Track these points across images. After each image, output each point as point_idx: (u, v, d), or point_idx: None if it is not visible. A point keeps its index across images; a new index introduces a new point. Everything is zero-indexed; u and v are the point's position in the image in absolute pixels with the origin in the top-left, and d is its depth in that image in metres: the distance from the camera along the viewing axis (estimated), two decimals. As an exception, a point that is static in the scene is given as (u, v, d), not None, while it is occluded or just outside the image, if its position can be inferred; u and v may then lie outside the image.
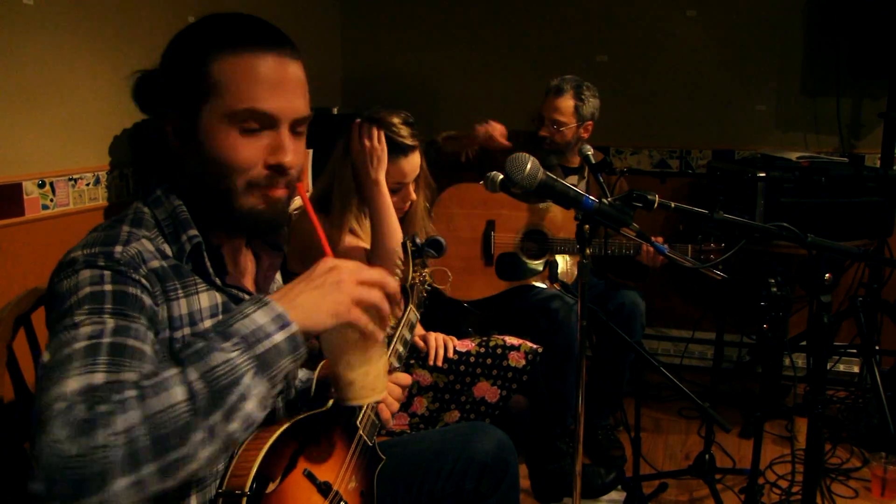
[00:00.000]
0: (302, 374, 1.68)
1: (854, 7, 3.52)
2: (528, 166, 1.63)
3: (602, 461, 3.12)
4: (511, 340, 2.40)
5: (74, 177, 2.74)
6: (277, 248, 1.45)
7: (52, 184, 2.65)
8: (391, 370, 1.68)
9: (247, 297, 1.32)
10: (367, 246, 2.31)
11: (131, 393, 0.98)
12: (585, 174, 3.33)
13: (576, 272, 3.02)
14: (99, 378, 1.01)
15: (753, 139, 4.02)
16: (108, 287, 1.12)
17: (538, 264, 3.10)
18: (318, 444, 1.39)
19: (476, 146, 3.20)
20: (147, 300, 1.16)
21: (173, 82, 1.25)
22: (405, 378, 1.69)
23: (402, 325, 1.82)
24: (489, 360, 2.35)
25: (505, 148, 3.08)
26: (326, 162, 2.40)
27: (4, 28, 2.43)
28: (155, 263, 1.20)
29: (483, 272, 3.10)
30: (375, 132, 2.26)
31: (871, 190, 3.28)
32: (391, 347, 1.73)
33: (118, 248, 1.16)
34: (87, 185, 2.79)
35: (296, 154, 1.27)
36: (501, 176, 1.74)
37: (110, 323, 1.09)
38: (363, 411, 1.55)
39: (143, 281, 1.16)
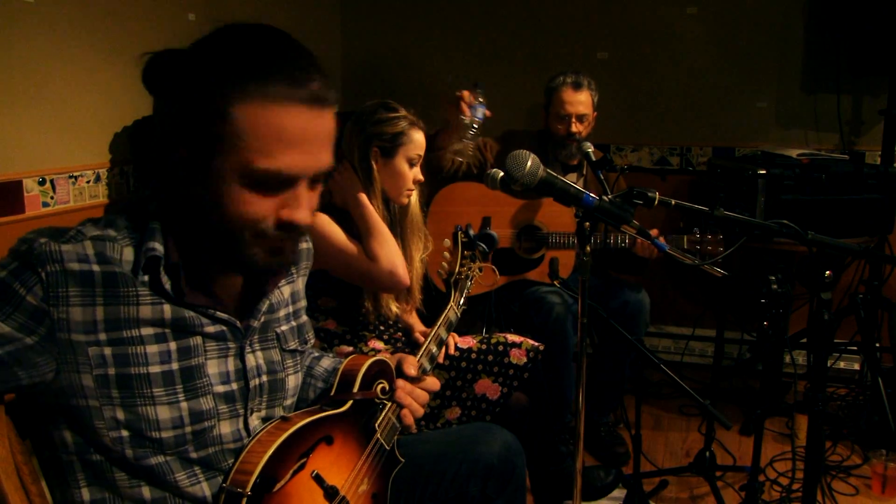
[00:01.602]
0: (328, 363, 1.67)
1: (854, 4, 3.52)
2: (529, 163, 1.63)
3: (607, 458, 3.12)
4: (512, 338, 2.40)
5: (75, 174, 2.74)
6: (273, 273, 1.36)
7: (52, 181, 2.65)
8: (422, 372, 1.68)
9: (219, 314, 1.28)
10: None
11: None
12: (584, 171, 3.32)
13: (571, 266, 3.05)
14: None
15: (754, 136, 4.02)
16: (2, 273, 1.14)
17: (534, 259, 3.10)
18: (330, 445, 1.39)
19: (461, 129, 3.14)
20: (31, 299, 1.13)
21: (188, 111, 1.14)
22: (434, 384, 1.65)
23: (439, 324, 1.81)
24: (490, 357, 2.34)
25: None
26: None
27: (5, 26, 2.43)
28: (75, 266, 1.15)
29: (488, 273, 3.09)
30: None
31: (871, 187, 3.28)
32: (424, 348, 1.72)
33: (42, 241, 1.15)
34: (88, 182, 2.79)
35: (310, 209, 1.19)
36: (502, 173, 1.74)
37: None
38: (383, 414, 1.54)
39: (41, 276, 1.14)
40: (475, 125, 2.81)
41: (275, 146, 1.11)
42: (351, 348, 2.29)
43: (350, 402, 1.46)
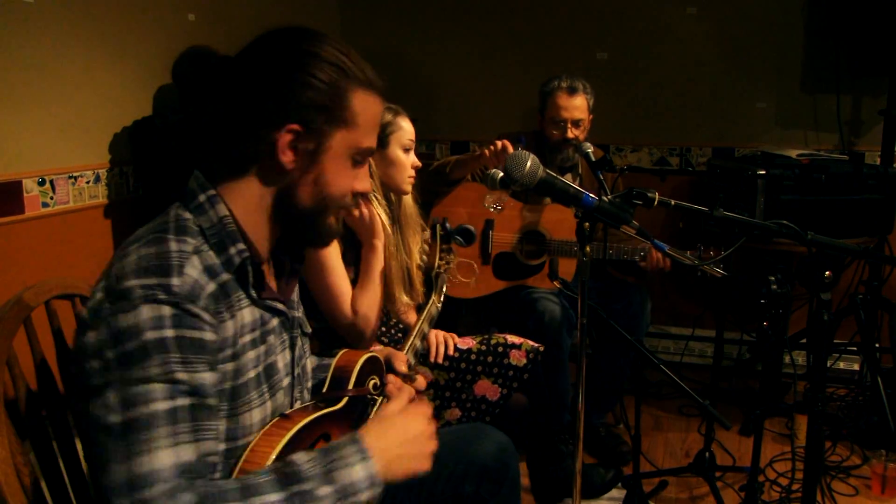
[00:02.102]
0: (313, 361, 1.66)
1: (854, 4, 3.52)
2: (528, 164, 1.63)
3: (609, 458, 3.12)
4: (512, 339, 2.40)
5: (74, 174, 2.74)
6: (300, 258, 1.44)
7: (52, 181, 2.65)
8: (409, 367, 1.68)
9: (279, 305, 1.33)
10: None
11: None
12: (580, 171, 3.32)
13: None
14: (188, 453, 1.09)
15: (753, 136, 4.02)
16: (169, 333, 1.11)
17: (536, 265, 3.10)
18: (328, 442, 1.37)
19: (483, 165, 3.18)
20: (207, 335, 1.16)
21: (305, 97, 1.22)
22: (421, 382, 1.67)
23: (422, 318, 1.81)
24: (490, 358, 2.34)
25: None
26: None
27: (5, 27, 2.43)
28: (210, 287, 1.18)
29: (480, 271, 3.10)
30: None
31: (871, 187, 3.28)
32: (409, 343, 1.72)
33: (175, 282, 1.14)
34: (88, 182, 2.79)
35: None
36: (501, 174, 1.74)
37: (182, 378, 1.11)
38: (375, 409, 1.55)
39: (203, 315, 1.15)
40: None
41: (374, 128, 1.32)
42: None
43: (346, 399, 1.46)
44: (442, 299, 1.97)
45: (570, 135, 3.19)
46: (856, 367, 3.93)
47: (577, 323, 1.71)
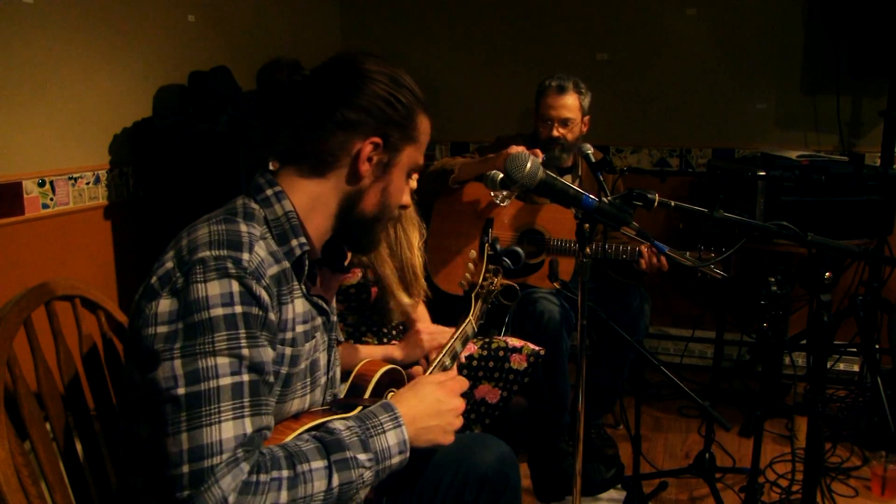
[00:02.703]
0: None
1: (854, 6, 3.52)
2: (528, 165, 1.63)
3: (596, 459, 3.12)
4: (513, 342, 2.39)
5: (74, 176, 2.74)
6: (340, 269, 1.51)
7: (52, 183, 2.65)
8: None
9: (324, 304, 1.41)
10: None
11: (286, 473, 1.16)
12: (580, 172, 3.32)
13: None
14: (247, 427, 1.16)
15: (753, 138, 4.02)
16: (238, 309, 1.18)
17: (534, 263, 3.10)
18: None
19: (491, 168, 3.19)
20: (269, 315, 1.23)
21: (387, 114, 1.36)
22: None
23: (455, 337, 1.80)
24: (491, 363, 2.35)
25: None
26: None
27: (4, 28, 2.44)
28: (274, 269, 1.26)
29: (478, 268, 3.10)
30: None
31: (871, 188, 3.28)
32: (438, 360, 1.72)
33: (245, 256, 1.21)
34: (87, 184, 2.79)
35: None
36: (501, 175, 1.74)
37: (246, 354, 1.18)
38: None
39: (264, 295, 1.21)
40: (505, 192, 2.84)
41: (425, 147, 1.45)
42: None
43: (359, 408, 1.44)
44: (480, 320, 1.97)
45: (555, 133, 3.17)
46: (856, 368, 3.93)
47: (577, 324, 1.71)
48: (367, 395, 1.48)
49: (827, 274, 1.73)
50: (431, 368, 1.70)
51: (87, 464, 1.48)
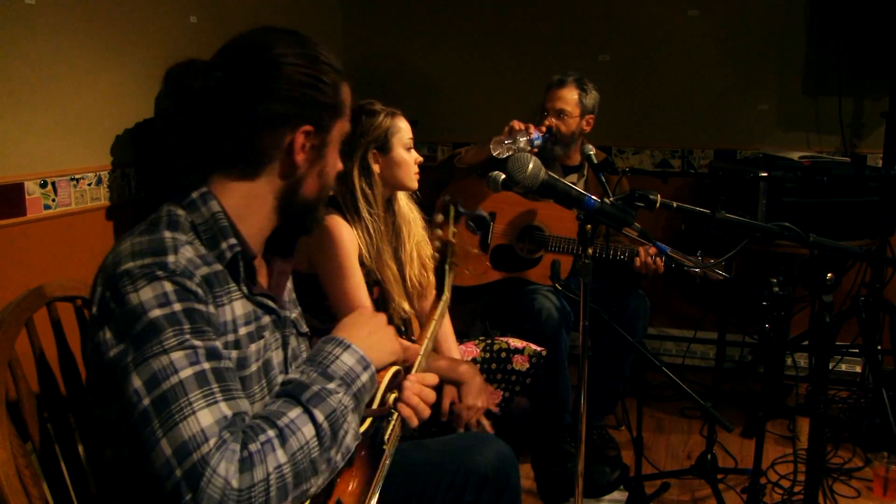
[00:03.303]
0: None
1: (856, 6, 3.52)
2: (531, 166, 1.63)
3: (597, 461, 3.12)
4: (515, 343, 2.40)
5: (76, 177, 2.74)
6: (288, 254, 1.46)
7: (53, 184, 2.65)
8: (418, 370, 1.63)
9: (270, 303, 1.35)
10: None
11: (272, 433, 1.13)
12: (585, 172, 3.32)
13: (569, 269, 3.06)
14: (225, 410, 1.11)
15: (755, 139, 4.02)
16: (177, 307, 1.14)
17: (533, 259, 3.10)
18: (350, 468, 1.37)
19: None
20: (209, 309, 1.19)
21: (314, 99, 1.29)
22: (432, 377, 1.62)
23: (436, 317, 1.75)
24: (494, 366, 2.35)
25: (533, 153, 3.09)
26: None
27: (6, 28, 2.44)
28: (203, 270, 1.21)
29: (477, 260, 3.12)
30: None
31: (872, 190, 3.28)
32: (424, 347, 1.67)
33: (171, 258, 1.17)
34: (89, 185, 2.80)
35: None
36: (503, 176, 1.74)
37: (199, 344, 1.14)
38: (390, 428, 1.49)
39: (199, 291, 1.18)
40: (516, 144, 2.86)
41: (350, 114, 1.38)
42: None
43: (368, 421, 1.42)
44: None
45: (546, 122, 3.18)
46: (857, 369, 3.92)
47: (579, 324, 1.70)
48: (375, 405, 1.41)
49: (829, 275, 1.72)
50: (420, 357, 1.64)
51: (89, 464, 1.48)
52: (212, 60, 1.30)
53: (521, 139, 2.87)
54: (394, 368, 1.48)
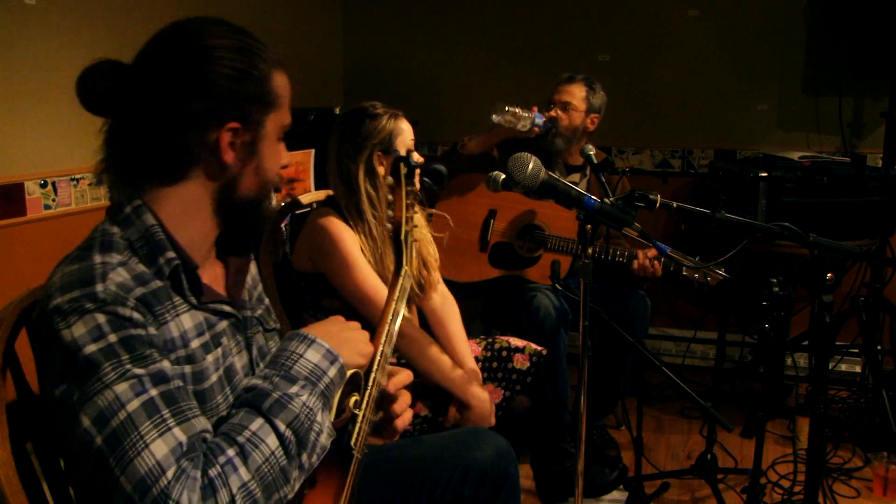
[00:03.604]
0: None
1: (856, 7, 3.52)
2: (531, 166, 1.63)
3: (598, 461, 3.13)
4: (515, 342, 2.40)
5: (76, 177, 2.74)
6: (245, 251, 1.42)
7: (54, 184, 2.65)
8: (385, 358, 1.50)
9: (225, 308, 1.31)
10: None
11: (232, 452, 1.10)
12: (587, 172, 3.32)
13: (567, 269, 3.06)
14: (179, 436, 1.08)
15: (755, 139, 4.02)
16: (112, 338, 1.10)
17: (532, 257, 3.11)
18: (313, 487, 1.35)
19: (502, 138, 3.23)
20: (150, 329, 1.14)
21: (236, 93, 1.21)
22: (406, 375, 1.55)
23: (396, 297, 1.57)
24: (495, 364, 2.35)
25: (533, 134, 3.12)
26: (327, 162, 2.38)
27: (5, 28, 2.44)
28: (138, 291, 1.15)
29: (476, 257, 3.13)
30: None
31: (872, 190, 3.28)
32: (385, 333, 1.52)
33: (99, 288, 1.12)
34: (90, 184, 2.80)
35: None
36: (503, 176, 1.74)
37: (141, 372, 1.09)
38: (357, 427, 1.42)
39: (135, 315, 1.12)
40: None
41: (289, 103, 1.31)
42: None
43: None
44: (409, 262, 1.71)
45: (551, 112, 3.20)
46: (857, 369, 3.92)
47: (579, 324, 1.70)
48: (332, 416, 1.32)
49: (829, 275, 1.73)
50: (382, 343, 1.50)
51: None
52: (136, 58, 1.25)
53: (523, 113, 2.97)
54: (351, 372, 1.39)
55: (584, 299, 1.68)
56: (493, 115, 2.98)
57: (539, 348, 2.41)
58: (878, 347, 3.46)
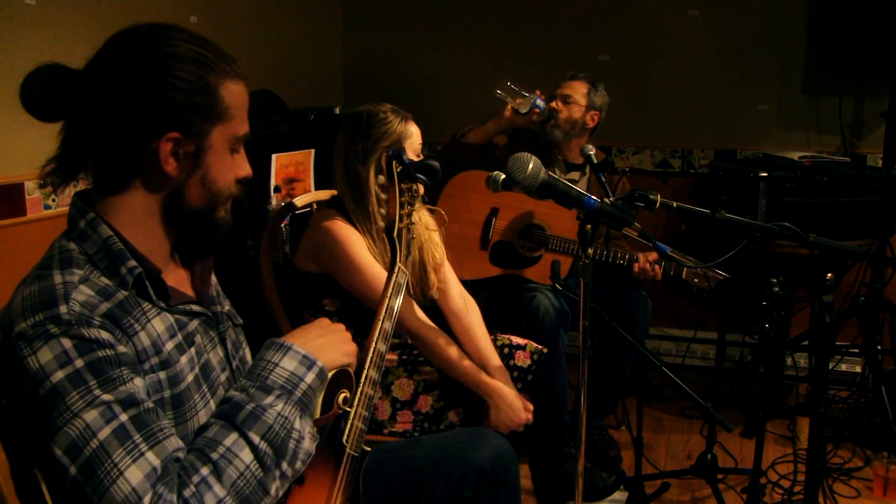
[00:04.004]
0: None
1: (856, 7, 3.52)
2: (531, 166, 1.63)
3: (598, 461, 3.13)
4: (517, 340, 2.40)
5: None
6: (207, 251, 1.41)
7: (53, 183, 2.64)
8: (380, 357, 1.54)
9: (194, 307, 1.31)
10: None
11: (205, 470, 1.11)
12: (587, 171, 3.33)
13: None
14: (153, 460, 1.08)
15: (755, 139, 4.02)
16: (79, 363, 1.09)
17: (533, 257, 3.11)
18: (302, 485, 1.35)
19: (503, 127, 3.27)
20: (119, 348, 1.13)
21: (177, 102, 1.19)
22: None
23: (389, 294, 1.58)
24: None
25: (533, 116, 3.17)
26: (328, 162, 2.38)
27: (5, 28, 2.44)
28: (103, 307, 1.14)
29: (477, 255, 3.14)
30: None
31: (872, 189, 3.28)
32: (378, 328, 1.56)
33: (63, 309, 1.11)
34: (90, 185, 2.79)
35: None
36: (503, 175, 1.74)
37: (110, 398, 1.09)
38: (349, 424, 1.44)
39: (102, 334, 1.11)
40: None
41: (244, 114, 1.28)
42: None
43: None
44: (408, 256, 1.73)
45: (552, 104, 3.24)
46: (857, 369, 3.92)
47: (579, 324, 1.70)
48: (317, 414, 1.34)
49: (829, 275, 1.72)
50: (374, 340, 1.54)
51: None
52: (88, 62, 1.26)
53: (525, 93, 3.07)
54: (335, 371, 1.40)
55: (585, 299, 1.67)
56: (497, 90, 3.00)
57: (540, 347, 2.41)
58: (878, 347, 3.46)
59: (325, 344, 1.34)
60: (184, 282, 1.36)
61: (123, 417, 1.09)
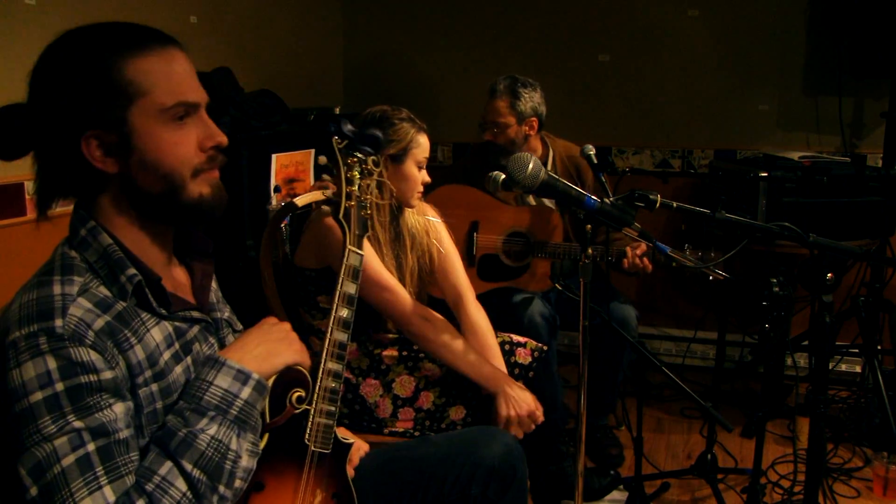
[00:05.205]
0: None
1: (856, 6, 3.52)
2: (531, 166, 1.63)
3: (599, 459, 3.12)
4: (517, 338, 2.41)
5: (76, 177, 2.74)
6: (206, 255, 1.40)
7: (54, 184, 2.65)
8: (340, 346, 1.50)
9: (194, 314, 1.31)
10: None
11: (141, 502, 1.09)
12: (549, 165, 3.29)
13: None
14: (109, 495, 1.08)
15: (755, 139, 4.02)
16: (59, 387, 1.09)
17: (520, 266, 3.07)
18: (261, 491, 1.34)
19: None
20: (104, 375, 1.12)
21: (79, 101, 1.17)
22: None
23: (341, 278, 1.52)
24: None
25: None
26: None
27: (6, 28, 2.44)
28: (99, 322, 1.14)
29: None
30: None
31: (872, 190, 3.28)
32: (333, 315, 1.51)
33: (59, 323, 1.10)
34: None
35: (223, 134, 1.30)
36: (503, 175, 1.74)
37: (81, 426, 1.09)
38: (310, 422, 1.42)
39: (91, 355, 1.11)
40: None
41: (172, 82, 1.22)
42: (355, 344, 2.28)
43: (266, 437, 1.35)
44: (366, 232, 1.61)
45: (487, 136, 3.16)
46: (857, 369, 3.92)
47: (579, 324, 1.70)
48: (268, 418, 1.34)
49: (829, 275, 1.73)
50: (330, 328, 1.50)
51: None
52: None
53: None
54: (280, 371, 1.37)
55: (584, 299, 1.68)
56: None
57: (540, 344, 2.41)
58: (878, 347, 3.46)
59: (265, 352, 1.31)
60: (184, 287, 1.35)
61: (91, 447, 1.09)
